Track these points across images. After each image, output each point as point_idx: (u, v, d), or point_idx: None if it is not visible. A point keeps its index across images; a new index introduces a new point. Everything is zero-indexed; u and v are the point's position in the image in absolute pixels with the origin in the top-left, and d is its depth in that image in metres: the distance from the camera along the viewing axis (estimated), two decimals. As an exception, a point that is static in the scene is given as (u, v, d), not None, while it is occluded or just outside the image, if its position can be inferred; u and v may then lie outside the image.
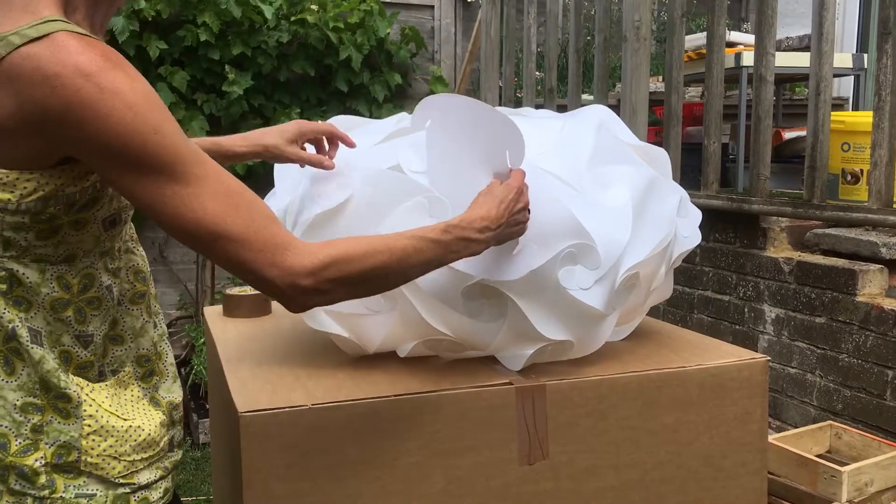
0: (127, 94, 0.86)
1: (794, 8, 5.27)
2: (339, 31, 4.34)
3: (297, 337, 1.61)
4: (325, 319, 1.37)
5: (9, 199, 0.90)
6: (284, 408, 1.21)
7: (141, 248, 1.13)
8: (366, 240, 1.05)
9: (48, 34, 0.85)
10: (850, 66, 3.83)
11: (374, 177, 1.35)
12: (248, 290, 1.87)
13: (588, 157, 1.41)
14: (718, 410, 1.43)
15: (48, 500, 0.98)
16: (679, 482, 1.42)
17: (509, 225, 1.20)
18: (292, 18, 4.29)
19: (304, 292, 0.97)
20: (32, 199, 0.91)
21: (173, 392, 1.14)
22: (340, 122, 1.55)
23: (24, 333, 0.96)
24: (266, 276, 0.95)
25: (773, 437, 2.14)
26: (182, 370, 4.12)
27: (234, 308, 1.83)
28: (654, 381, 1.39)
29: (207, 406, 3.66)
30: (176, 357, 4.26)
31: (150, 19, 4.02)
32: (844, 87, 5.00)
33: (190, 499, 3.14)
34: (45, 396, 0.98)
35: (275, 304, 1.90)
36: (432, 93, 4.68)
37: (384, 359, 1.42)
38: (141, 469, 1.04)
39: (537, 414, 1.32)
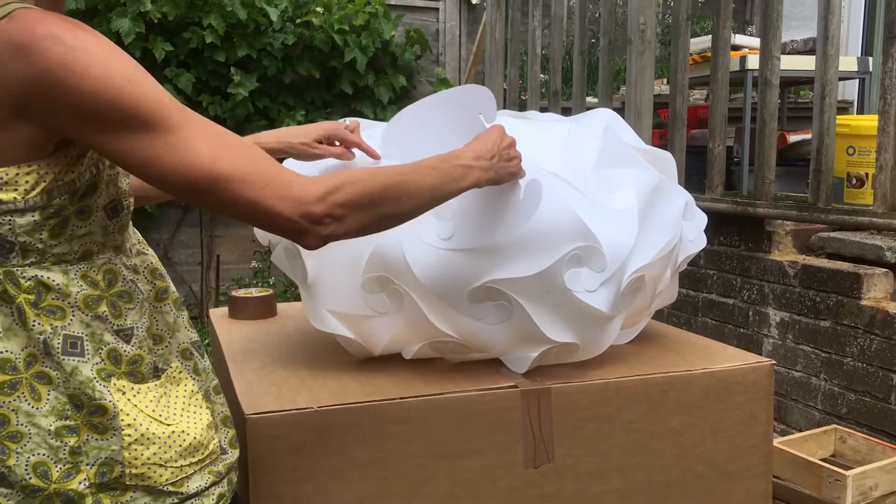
0: (95, 49, 0.86)
1: (799, 11, 5.27)
2: (344, 33, 4.34)
3: (302, 339, 1.61)
4: (331, 321, 1.37)
5: (14, 199, 0.89)
6: (290, 410, 1.22)
7: (151, 250, 1.12)
8: (366, 169, 1.04)
9: (9, 13, 0.86)
10: (855, 69, 3.82)
11: None
12: (254, 292, 1.88)
13: (594, 161, 1.41)
14: (723, 414, 1.43)
15: None
16: (684, 486, 1.42)
17: (502, 159, 1.22)
18: (297, 21, 4.30)
19: (318, 220, 0.94)
20: (36, 192, 0.90)
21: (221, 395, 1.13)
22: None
23: (56, 343, 0.94)
24: (276, 209, 0.92)
25: (777, 441, 2.14)
26: (186, 371, 4.12)
27: (239, 310, 1.83)
28: (659, 384, 1.39)
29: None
30: (180, 358, 4.26)
31: (155, 21, 4.03)
32: (849, 90, 5.00)
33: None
34: (78, 415, 0.95)
35: (281, 307, 1.91)
36: (437, 95, 4.68)
37: (389, 361, 1.42)
38: (191, 475, 1.00)
39: (542, 417, 1.32)
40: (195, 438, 1.01)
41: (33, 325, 0.93)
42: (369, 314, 1.36)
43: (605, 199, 1.39)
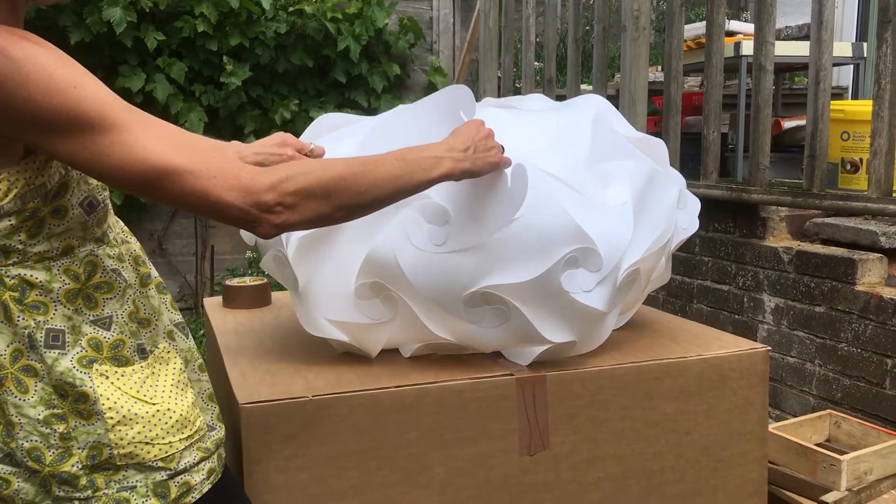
0: (38, 57, 0.88)
1: (794, -3, 5.25)
2: (338, 21, 4.32)
3: (297, 328, 1.61)
4: (326, 326, 1.35)
5: None
6: (284, 399, 1.22)
7: (135, 239, 1.14)
8: (321, 159, 1.03)
9: None
10: (850, 54, 3.82)
11: None
12: (248, 281, 1.87)
13: (586, 155, 1.40)
14: (718, 400, 1.43)
15: (93, 500, 1.00)
16: (679, 472, 1.42)
17: (478, 150, 1.20)
18: (290, 9, 4.28)
19: (269, 209, 0.94)
20: (10, 199, 0.93)
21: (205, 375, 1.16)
22: (327, 121, 1.52)
23: (40, 337, 0.98)
24: (226, 200, 0.93)
25: (772, 426, 2.15)
26: (182, 362, 4.12)
27: (233, 299, 1.83)
28: (654, 371, 1.39)
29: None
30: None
31: (147, 10, 4.01)
32: (844, 75, 4.99)
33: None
34: (64, 404, 0.99)
35: (275, 296, 1.90)
36: (431, 83, 4.67)
37: (384, 350, 1.42)
38: (181, 451, 1.04)
39: (538, 404, 1.32)
40: (182, 415, 1.05)
41: (18, 321, 0.97)
42: (365, 321, 1.34)
43: (599, 195, 1.37)
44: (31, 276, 0.97)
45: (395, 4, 4.55)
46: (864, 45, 3.86)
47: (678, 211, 1.49)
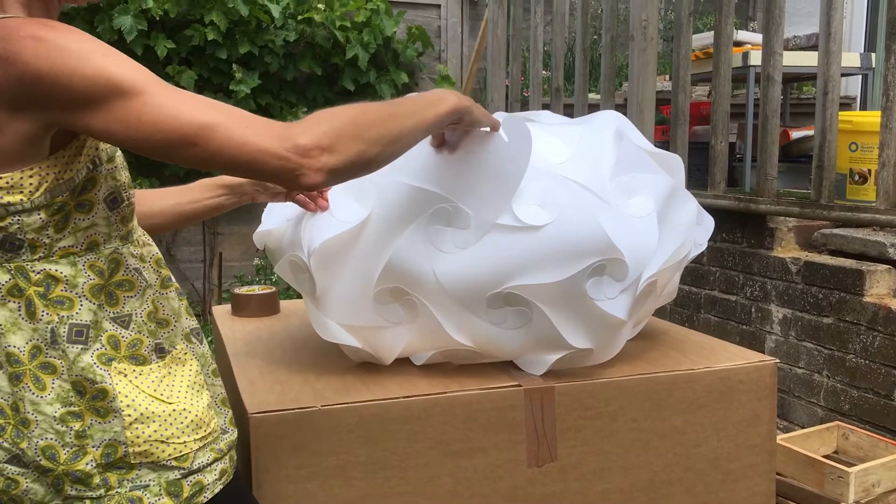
0: (67, 35, 0.91)
1: (802, 7, 5.26)
2: (346, 30, 4.34)
3: (306, 337, 1.61)
4: (341, 333, 1.36)
5: (21, 200, 0.95)
6: (293, 409, 1.22)
7: (154, 243, 1.16)
8: (349, 105, 1.03)
9: None
10: (858, 65, 3.81)
11: (391, 190, 1.31)
12: (256, 290, 1.88)
13: (611, 167, 1.41)
14: (726, 413, 1.43)
15: (105, 499, 1.00)
16: (687, 484, 1.42)
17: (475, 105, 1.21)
18: (299, 17, 4.30)
19: (307, 152, 0.93)
20: (40, 193, 0.95)
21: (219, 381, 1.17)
22: (276, 207, 1.49)
23: (63, 332, 0.99)
24: (264, 147, 0.92)
25: (780, 438, 2.14)
26: (189, 368, 4.13)
27: (242, 307, 1.83)
28: (662, 383, 1.39)
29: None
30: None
31: (157, 18, 4.03)
32: (852, 86, 4.99)
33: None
34: (81, 401, 1.00)
35: (283, 304, 1.91)
36: (439, 92, 4.68)
37: (394, 361, 1.42)
38: (195, 451, 1.05)
39: (546, 416, 1.32)
40: (197, 416, 1.06)
41: (42, 316, 0.98)
42: (381, 325, 1.35)
43: (623, 205, 1.38)
44: (57, 270, 0.99)
45: (403, 13, 4.57)
46: (873, 55, 3.86)
47: (695, 227, 1.50)
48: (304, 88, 4.47)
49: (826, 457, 2.14)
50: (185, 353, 1.10)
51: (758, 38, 3.76)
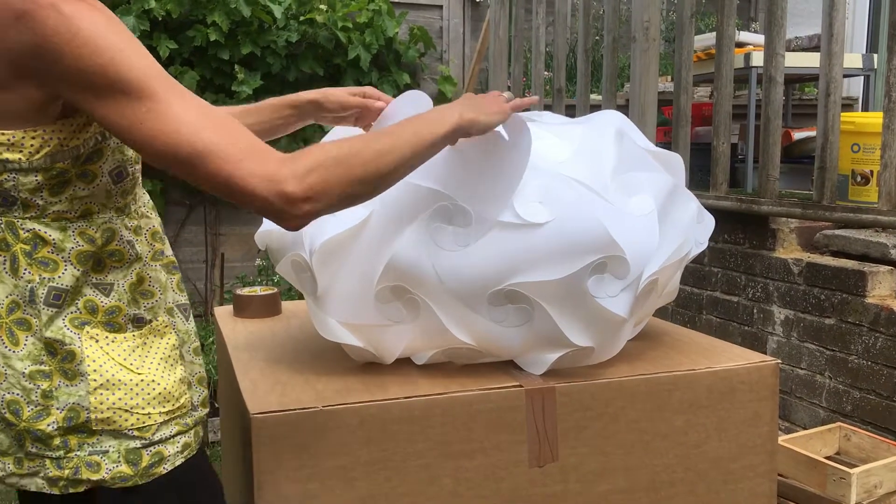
0: (90, 17, 0.90)
1: (804, 7, 5.25)
2: (348, 30, 4.34)
3: (307, 338, 1.61)
4: (343, 332, 1.36)
5: (19, 159, 0.94)
6: (295, 409, 1.22)
7: (156, 214, 1.15)
8: (342, 140, 1.02)
9: None
10: (860, 66, 3.81)
11: (392, 188, 1.32)
12: (258, 291, 1.88)
13: (612, 166, 1.41)
14: (728, 413, 1.43)
15: (64, 460, 1.02)
16: (688, 485, 1.42)
17: (481, 104, 1.20)
18: (301, 18, 4.30)
19: (293, 202, 0.93)
20: (41, 156, 0.95)
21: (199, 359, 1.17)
22: (340, 132, 1.50)
23: (42, 293, 1.00)
24: (250, 187, 0.91)
25: (782, 439, 2.14)
26: (191, 369, 4.13)
27: (243, 308, 1.84)
28: (663, 383, 1.39)
29: (217, 405, 3.67)
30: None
31: (160, 19, 4.03)
32: (854, 87, 4.98)
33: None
34: (52, 361, 1.01)
35: (285, 305, 1.91)
36: (441, 93, 4.68)
37: (395, 362, 1.42)
38: (159, 423, 1.06)
39: (547, 416, 1.32)
40: (166, 388, 1.06)
41: (23, 274, 1.00)
42: (383, 323, 1.35)
43: (624, 204, 1.39)
44: (46, 232, 0.99)
45: (405, 14, 4.57)
46: (875, 56, 3.85)
47: (696, 225, 1.50)
48: (306, 89, 4.45)
49: (828, 458, 2.13)
50: (166, 326, 1.10)
51: (760, 39, 3.76)
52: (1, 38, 0.89)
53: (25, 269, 0.99)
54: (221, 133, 0.92)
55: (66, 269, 1.01)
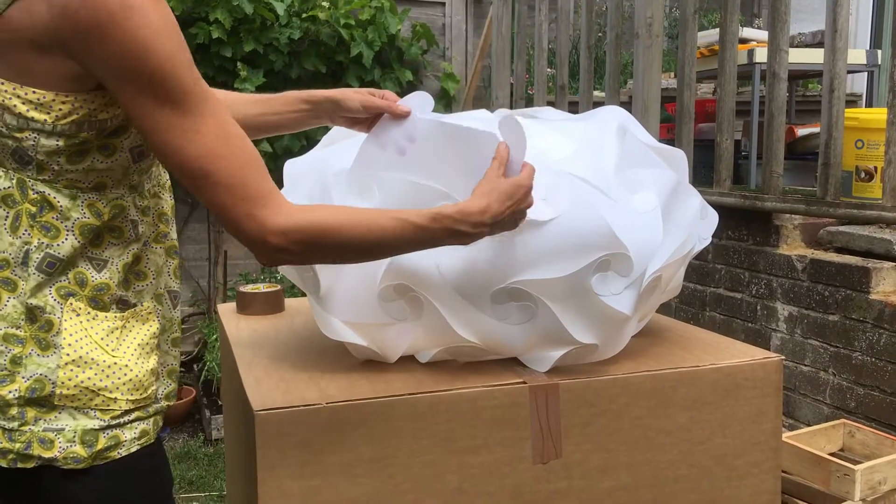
0: (150, 15, 0.90)
1: (808, 4, 5.24)
2: (351, 27, 4.34)
3: (310, 335, 1.61)
4: (346, 331, 1.36)
5: (45, 120, 0.94)
6: (299, 406, 1.22)
7: (170, 195, 1.15)
8: (348, 211, 1.05)
9: None
10: (864, 62, 3.80)
11: (394, 187, 1.31)
12: (261, 288, 1.88)
13: (615, 162, 1.41)
14: (732, 410, 1.43)
15: (17, 433, 1.00)
16: (692, 481, 1.42)
17: (505, 222, 1.16)
18: (304, 15, 4.30)
19: (271, 250, 0.99)
20: (66, 122, 0.94)
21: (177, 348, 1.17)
22: (344, 130, 1.51)
23: (36, 258, 0.99)
24: (241, 225, 0.97)
25: (786, 436, 2.14)
26: (195, 366, 4.14)
27: (247, 305, 1.84)
28: (667, 380, 1.39)
29: (220, 402, 3.67)
30: (188, 353, 4.28)
31: (162, 17, 4.03)
32: (858, 83, 4.97)
33: (202, 494, 3.16)
34: (29, 328, 0.99)
35: (288, 302, 1.91)
36: (443, 89, 4.68)
37: (399, 359, 1.42)
38: (122, 410, 1.05)
39: (551, 413, 1.32)
40: (137, 377, 1.05)
41: (22, 234, 0.98)
42: (386, 322, 1.35)
43: (627, 200, 1.38)
44: (55, 198, 0.99)
45: (407, 11, 4.57)
46: (879, 52, 3.84)
47: (700, 221, 1.50)
48: (309, 86, 4.43)
49: (832, 454, 2.13)
50: (150, 313, 1.10)
51: (763, 35, 3.75)
52: (57, 8, 0.88)
53: (26, 230, 0.98)
54: (235, 165, 0.95)
55: (66, 239, 0.99)
